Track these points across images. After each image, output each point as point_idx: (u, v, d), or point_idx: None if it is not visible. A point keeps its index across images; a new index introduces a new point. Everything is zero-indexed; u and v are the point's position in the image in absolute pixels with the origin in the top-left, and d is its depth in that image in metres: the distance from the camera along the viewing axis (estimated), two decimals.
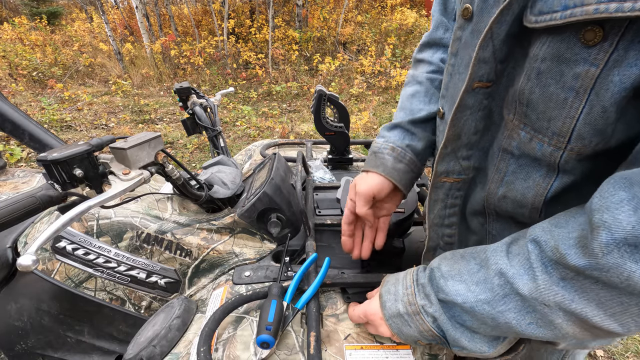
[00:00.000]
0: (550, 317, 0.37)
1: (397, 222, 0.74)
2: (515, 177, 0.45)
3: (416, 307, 0.49)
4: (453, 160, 0.52)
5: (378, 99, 5.21)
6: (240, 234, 0.85)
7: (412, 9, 8.51)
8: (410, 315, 0.49)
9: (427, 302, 0.48)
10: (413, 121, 0.65)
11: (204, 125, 1.22)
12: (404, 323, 0.50)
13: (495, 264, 0.42)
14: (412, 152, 0.64)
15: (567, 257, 0.34)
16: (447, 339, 0.47)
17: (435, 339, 0.48)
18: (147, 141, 0.67)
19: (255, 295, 0.65)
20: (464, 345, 0.46)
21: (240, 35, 7.79)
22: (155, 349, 0.62)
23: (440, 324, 0.47)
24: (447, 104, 0.55)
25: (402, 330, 0.51)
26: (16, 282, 0.85)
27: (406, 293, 0.51)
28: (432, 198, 0.58)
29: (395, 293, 0.52)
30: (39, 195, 0.61)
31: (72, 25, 9.39)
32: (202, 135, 1.90)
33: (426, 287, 0.49)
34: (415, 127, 0.65)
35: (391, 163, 0.63)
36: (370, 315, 0.56)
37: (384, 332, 0.54)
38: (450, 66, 0.52)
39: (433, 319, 0.47)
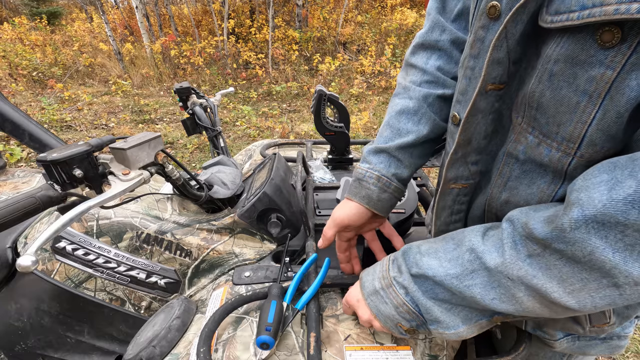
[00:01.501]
0: (512, 291, 0.39)
1: (397, 223, 0.73)
2: (519, 182, 0.44)
3: (389, 280, 0.50)
4: (463, 166, 0.51)
5: (378, 99, 5.21)
6: (240, 234, 0.85)
7: (412, 9, 8.51)
8: (385, 289, 0.51)
9: (397, 273, 0.50)
10: (400, 147, 0.61)
11: (204, 126, 1.22)
12: (381, 300, 0.51)
13: (469, 241, 0.44)
14: (397, 180, 0.62)
15: (534, 230, 0.35)
16: (422, 314, 0.48)
17: (412, 317, 0.48)
18: (147, 141, 0.67)
19: (255, 296, 0.65)
20: (437, 317, 0.46)
21: (240, 35, 7.79)
22: (155, 349, 0.62)
23: (412, 294, 0.48)
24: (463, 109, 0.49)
25: (380, 308, 0.51)
26: (16, 283, 0.85)
27: (382, 269, 0.53)
28: (439, 205, 0.57)
29: (373, 273, 0.54)
30: (39, 196, 0.61)
31: (72, 25, 9.39)
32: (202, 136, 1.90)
33: (398, 260, 0.51)
34: (402, 153, 0.62)
35: (376, 195, 0.61)
36: (350, 299, 0.57)
37: (363, 314, 0.54)
38: (469, 69, 0.47)
39: (405, 290, 0.48)
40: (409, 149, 0.62)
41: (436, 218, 0.59)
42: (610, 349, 0.56)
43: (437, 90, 0.61)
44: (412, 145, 0.61)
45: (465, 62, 0.48)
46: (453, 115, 0.53)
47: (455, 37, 0.60)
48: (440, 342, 0.62)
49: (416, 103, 0.61)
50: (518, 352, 0.56)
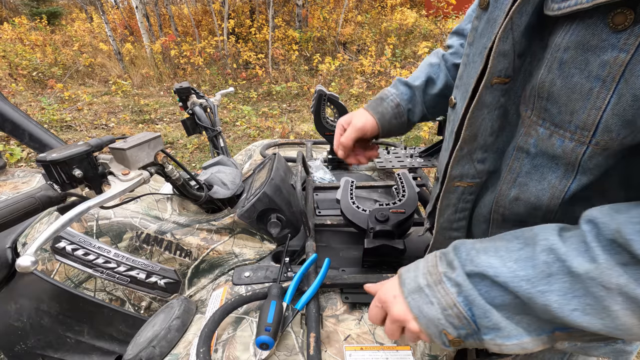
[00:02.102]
0: (605, 303, 0.33)
1: (398, 222, 0.73)
2: (529, 178, 0.43)
3: (437, 276, 0.43)
4: (468, 164, 0.50)
5: None
6: (240, 235, 0.85)
7: (412, 9, 8.51)
8: (431, 287, 0.43)
9: (449, 269, 0.43)
10: (422, 87, 0.75)
11: (204, 126, 1.22)
12: (425, 299, 0.44)
13: (545, 239, 0.38)
14: (408, 114, 0.75)
15: (633, 243, 0.31)
16: (475, 319, 0.41)
17: (462, 324, 0.41)
18: (147, 141, 0.67)
19: (254, 296, 0.65)
20: (497, 322, 0.40)
21: (240, 35, 7.79)
22: (155, 349, 0.62)
23: (466, 293, 0.41)
24: (459, 93, 0.54)
25: (423, 309, 0.44)
26: (16, 283, 0.85)
27: (427, 265, 0.46)
28: (443, 203, 0.56)
29: (416, 269, 0.47)
30: (39, 196, 0.61)
31: (72, 25, 9.39)
32: (202, 136, 1.90)
33: (448, 255, 0.44)
34: (421, 95, 0.75)
35: (389, 116, 0.75)
36: (385, 295, 0.49)
37: (399, 313, 0.46)
38: (465, 56, 0.52)
39: (457, 288, 0.41)
40: (427, 94, 0.75)
41: (439, 215, 0.58)
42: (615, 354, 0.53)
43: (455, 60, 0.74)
44: (429, 92, 0.75)
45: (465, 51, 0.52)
46: (450, 99, 0.58)
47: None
48: None
49: (440, 61, 0.75)
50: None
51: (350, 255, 0.82)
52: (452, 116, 0.58)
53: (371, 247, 0.71)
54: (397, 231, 0.73)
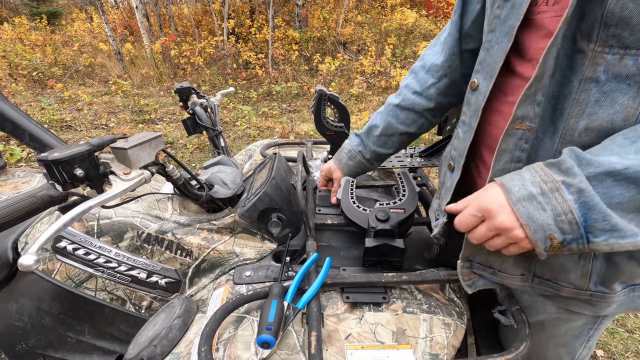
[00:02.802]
0: None
1: (398, 222, 0.74)
2: (599, 106, 0.46)
3: (554, 184, 0.44)
4: (530, 105, 0.51)
5: (378, 99, 5.21)
6: (240, 234, 0.85)
7: (412, 9, 8.51)
8: (546, 194, 0.44)
9: (567, 176, 0.44)
10: (366, 133, 0.93)
11: (204, 125, 1.22)
12: (537, 206, 0.45)
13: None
14: (361, 156, 0.94)
15: None
16: (587, 224, 0.43)
17: (572, 229, 0.43)
18: (148, 141, 0.67)
19: (255, 295, 0.65)
20: (616, 223, 0.41)
21: (240, 35, 7.79)
22: (156, 348, 0.62)
23: (587, 199, 0.42)
24: (481, 76, 0.61)
25: (534, 216, 0.45)
26: (17, 282, 0.85)
27: (537, 175, 0.46)
28: (501, 148, 0.56)
29: (521, 179, 0.47)
30: (40, 195, 0.61)
31: (72, 25, 9.39)
32: (202, 135, 1.90)
33: (564, 162, 0.45)
34: (367, 139, 0.93)
35: (345, 161, 0.96)
36: (486, 205, 0.49)
37: (506, 221, 0.47)
38: (486, 43, 0.60)
39: (578, 192, 0.43)
40: (370, 137, 0.92)
41: (495, 163, 0.57)
42: None
43: (394, 101, 0.88)
44: (373, 134, 0.91)
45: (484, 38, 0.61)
46: (471, 82, 0.64)
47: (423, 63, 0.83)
48: (441, 340, 0.62)
49: (384, 108, 0.91)
50: (519, 350, 0.56)
51: (351, 255, 0.82)
52: (473, 98, 0.63)
53: (372, 247, 0.71)
54: (398, 230, 0.73)
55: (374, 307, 0.67)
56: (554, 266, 0.57)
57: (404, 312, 0.66)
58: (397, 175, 0.89)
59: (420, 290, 0.72)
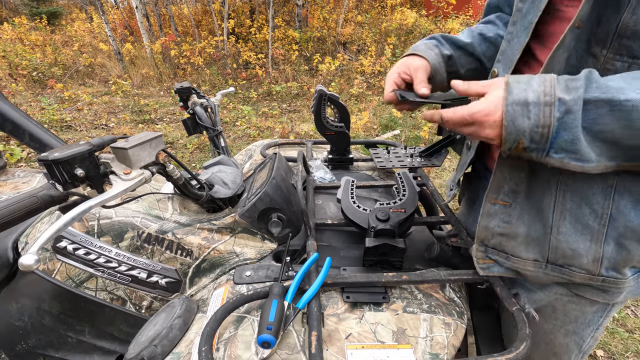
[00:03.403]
0: None
1: (398, 222, 0.74)
2: None
3: (552, 98, 0.46)
4: None
5: (378, 99, 5.21)
6: (241, 234, 0.85)
7: (412, 9, 8.50)
8: (539, 105, 0.46)
9: (567, 94, 0.45)
10: (444, 36, 0.80)
11: (204, 125, 1.22)
12: (524, 113, 0.46)
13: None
14: (439, 50, 0.78)
15: None
16: (554, 141, 0.46)
17: (540, 140, 0.46)
18: (148, 141, 0.67)
19: (256, 295, 0.65)
20: (579, 148, 0.45)
21: (240, 35, 7.79)
22: (157, 348, 0.62)
23: (569, 119, 0.44)
24: (501, 65, 0.65)
25: (517, 120, 0.47)
26: (17, 282, 0.85)
27: (543, 85, 0.47)
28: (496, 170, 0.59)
29: (528, 83, 0.48)
30: (41, 195, 0.61)
31: (72, 25, 9.39)
32: (202, 135, 1.90)
33: (576, 81, 0.46)
34: (445, 41, 0.80)
35: (423, 49, 0.77)
36: (483, 106, 0.50)
37: (484, 112, 0.49)
38: (508, 34, 0.63)
39: (564, 115, 0.45)
40: (450, 42, 0.79)
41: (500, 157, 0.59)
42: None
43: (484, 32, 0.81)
44: (453, 41, 0.80)
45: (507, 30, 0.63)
46: (492, 71, 0.67)
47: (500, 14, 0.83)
48: (442, 340, 0.62)
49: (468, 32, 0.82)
50: (519, 350, 0.56)
51: (351, 255, 0.82)
52: None
53: (372, 246, 0.71)
54: (398, 230, 0.73)
55: (374, 306, 0.67)
56: (567, 251, 0.58)
57: (404, 312, 0.66)
58: (397, 175, 0.89)
59: (421, 290, 0.72)
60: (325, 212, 0.97)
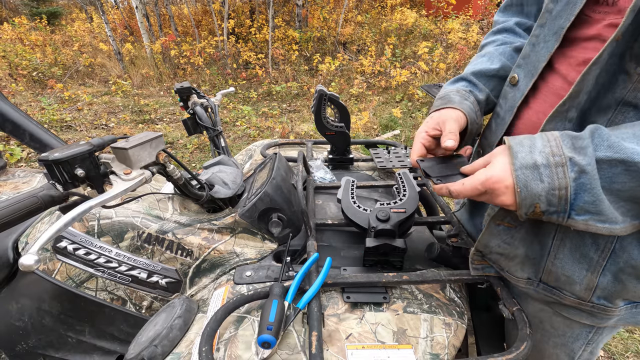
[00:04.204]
0: None
1: (399, 222, 0.74)
2: None
3: (562, 158, 0.44)
4: (562, 121, 0.51)
5: (378, 99, 5.21)
6: (241, 234, 0.85)
7: (412, 9, 8.51)
8: (550, 167, 0.44)
9: (577, 154, 0.43)
10: (475, 73, 0.73)
11: (204, 125, 1.22)
12: (536, 177, 0.45)
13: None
14: (474, 97, 0.71)
15: None
16: (574, 203, 0.43)
17: (558, 204, 0.44)
18: (149, 141, 0.67)
19: (256, 295, 0.65)
20: (602, 209, 0.42)
21: (240, 35, 7.79)
22: (157, 348, 0.62)
23: (587, 179, 0.42)
24: (523, 71, 0.58)
25: (530, 185, 0.45)
26: (17, 282, 0.85)
27: (548, 145, 0.45)
28: None
29: (531, 145, 0.47)
30: (41, 195, 0.61)
31: (72, 25, 9.38)
32: (202, 135, 1.90)
33: (581, 140, 0.44)
34: (477, 79, 0.73)
35: (458, 99, 0.69)
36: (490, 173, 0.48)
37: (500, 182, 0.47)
38: (534, 37, 0.57)
39: (580, 172, 0.43)
40: (483, 77, 0.72)
41: None
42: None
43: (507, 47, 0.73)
44: (485, 74, 0.72)
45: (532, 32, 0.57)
46: (512, 77, 0.62)
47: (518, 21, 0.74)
48: (442, 340, 0.62)
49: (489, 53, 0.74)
50: (520, 350, 0.56)
51: (352, 255, 0.82)
52: (511, 93, 0.62)
53: (372, 247, 0.71)
54: (398, 230, 0.73)
55: (374, 307, 0.67)
56: (560, 276, 0.57)
57: (405, 312, 0.66)
58: (398, 175, 0.89)
59: (421, 290, 0.72)
60: (325, 212, 0.97)
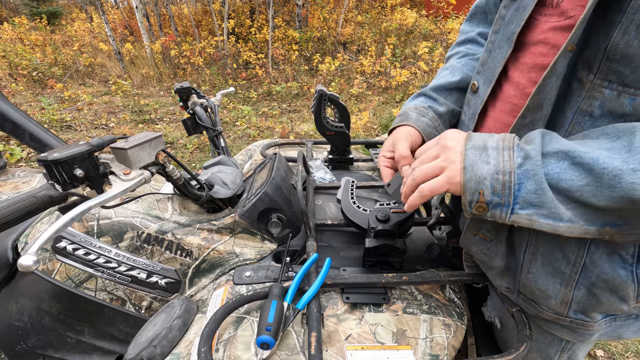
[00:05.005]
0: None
1: (398, 222, 0.74)
2: None
3: (510, 142, 0.44)
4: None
5: (378, 99, 5.21)
6: (240, 234, 0.85)
7: (412, 9, 8.51)
8: (498, 149, 0.44)
9: (525, 143, 0.43)
10: (434, 88, 0.73)
11: (204, 125, 1.22)
12: (484, 158, 0.45)
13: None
14: (433, 112, 0.72)
15: None
16: (518, 194, 0.42)
17: (502, 192, 0.43)
18: (148, 141, 0.67)
19: (255, 296, 0.65)
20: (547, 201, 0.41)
21: (240, 35, 7.79)
22: (156, 349, 0.62)
23: (530, 166, 0.42)
24: (482, 78, 0.58)
25: (476, 165, 0.45)
26: (16, 282, 0.85)
27: (502, 136, 0.46)
28: None
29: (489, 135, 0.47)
30: (40, 195, 0.61)
31: (72, 25, 9.39)
32: (202, 135, 1.90)
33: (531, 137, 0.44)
34: (437, 93, 0.73)
35: (415, 116, 0.71)
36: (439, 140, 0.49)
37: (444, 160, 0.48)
38: (490, 43, 0.57)
39: (525, 160, 0.42)
40: (443, 91, 0.73)
41: None
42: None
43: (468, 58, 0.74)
44: (445, 88, 0.72)
45: (488, 38, 0.57)
46: (472, 84, 0.62)
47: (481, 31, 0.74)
48: (442, 341, 0.62)
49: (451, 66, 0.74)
50: (519, 351, 0.56)
51: (351, 255, 0.82)
52: (473, 100, 0.61)
53: (372, 247, 0.71)
54: (398, 231, 0.73)
55: (374, 307, 0.67)
56: (535, 290, 0.57)
57: (404, 313, 0.66)
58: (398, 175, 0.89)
59: (421, 290, 0.72)
60: (325, 212, 0.97)
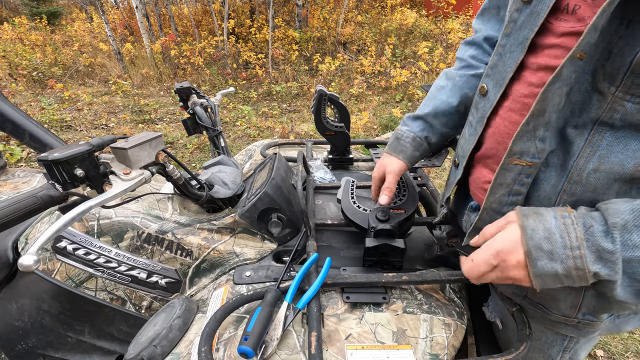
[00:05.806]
0: None
1: (398, 222, 0.74)
2: (611, 149, 0.45)
3: (584, 273, 0.42)
4: (530, 140, 0.50)
5: (378, 99, 5.21)
6: (240, 234, 0.85)
7: (412, 9, 8.51)
8: (571, 277, 0.43)
9: (603, 267, 0.41)
10: (434, 114, 0.76)
11: (204, 125, 1.22)
12: (555, 281, 0.44)
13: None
14: (427, 143, 0.78)
15: None
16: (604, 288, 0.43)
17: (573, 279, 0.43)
18: (148, 141, 0.67)
19: (256, 295, 0.65)
20: (624, 299, 0.42)
21: (240, 35, 7.79)
22: (156, 348, 0.62)
23: (608, 280, 0.41)
24: (492, 82, 0.59)
25: (546, 283, 0.45)
26: (17, 282, 0.85)
27: (571, 255, 0.42)
28: (497, 181, 0.55)
29: (551, 251, 0.43)
30: (40, 195, 0.61)
31: (72, 25, 9.39)
32: (202, 135, 1.90)
33: (603, 243, 0.41)
34: (436, 119, 0.77)
35: (410, 152, 0.78)
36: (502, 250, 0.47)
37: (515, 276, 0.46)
38: (500, 47, 0.56)
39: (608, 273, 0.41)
40: (441, 116, 0.76)
41: (489, 194, 0.57)
42: None
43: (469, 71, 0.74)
44: (444, 114, 0.76)
45: (499, 41, 0.56)
46: (481, 87, 0.61)
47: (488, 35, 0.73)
48: (442, 341, 0.62)
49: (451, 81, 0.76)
50: (519, 350, 0.56)
51: (351, 255, 0.82)
52: (482, 103, 0.61)
53: (372, 247, 0.71)
54: (398, 230, 0.73)
55: (374, 307, 0.67)
56: (544, 295, 0.58)
57: (404, 312, 0.66)
58: None
59: (421, 290, 0.72)
60: (325, 212, 0.97)
